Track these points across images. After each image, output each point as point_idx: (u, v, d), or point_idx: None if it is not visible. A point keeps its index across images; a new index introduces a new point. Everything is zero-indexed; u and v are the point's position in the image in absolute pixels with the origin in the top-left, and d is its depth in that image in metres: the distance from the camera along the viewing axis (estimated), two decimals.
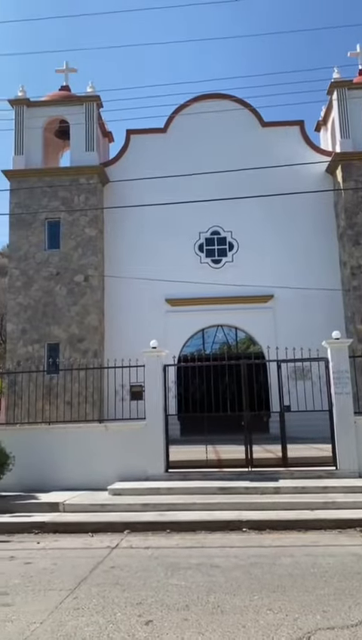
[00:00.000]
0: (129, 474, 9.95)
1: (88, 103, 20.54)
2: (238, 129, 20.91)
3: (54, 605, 4.75)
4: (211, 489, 8.92)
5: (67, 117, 20.80)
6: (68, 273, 19.44)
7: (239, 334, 20.21)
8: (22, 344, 19.09)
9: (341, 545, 6.57)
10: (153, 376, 10.54)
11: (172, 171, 18.15)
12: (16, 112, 20.60)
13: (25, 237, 19.78)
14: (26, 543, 7.23)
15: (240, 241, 20.32)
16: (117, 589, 5.14)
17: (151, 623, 4.27)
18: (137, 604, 4.72)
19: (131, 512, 8.21)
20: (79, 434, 10.72)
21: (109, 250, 20.53)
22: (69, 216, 19.75)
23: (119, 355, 11.62)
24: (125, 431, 10.48)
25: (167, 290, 19.63)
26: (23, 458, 9.86)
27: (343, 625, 4.14)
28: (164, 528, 7.49)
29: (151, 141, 21.20)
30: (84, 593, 5.06)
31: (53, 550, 6.78)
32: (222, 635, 4.02)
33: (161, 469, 9.95)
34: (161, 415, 10.34)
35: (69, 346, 18.90)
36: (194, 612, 4.49)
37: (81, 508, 8.54)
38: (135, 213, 19.61)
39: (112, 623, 4.30)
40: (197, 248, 20.50)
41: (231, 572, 5.57)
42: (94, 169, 20.03)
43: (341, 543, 6.68)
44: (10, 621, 4.40)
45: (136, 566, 5.91)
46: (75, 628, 4.22)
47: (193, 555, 6.30)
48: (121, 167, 20.87)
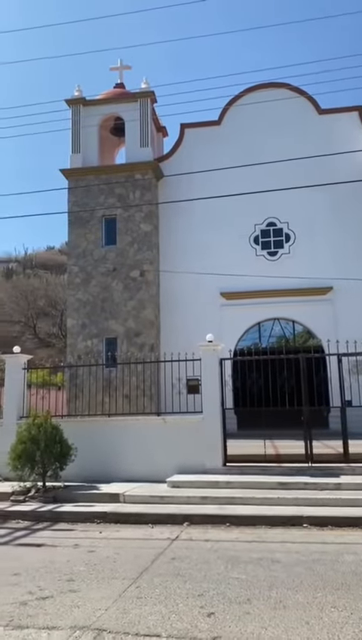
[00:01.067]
0: (187, 467, 10.02)
1: (142, 99, 20.69)
2: (294, 117, 20.45)
3: (118, 593, 4.86)
4: (270, 484, 8.84)
5: (122, 114, 21.05)
6: (124, 269, 19.75)
7: (297, 328, 19.85)
8: (81, 339, 19.60)
9: None
10: (209, 369, 10.55)
11: (226, 163, 17.98)
12: (72, 112, 21.04)
13: (83, 234, 20.24)
14: (88, 532, 7.44)
15: (297, 232, 19.92)
16: (178, 580, 5.20)
17: (213, 615, 4.29)
18: (199, 596, 4.75)
19: (190, 504, 8.27)
20: (138, 426, 10.90)
21: (164, 245, 20.67)
22: (124, 213, 20.02)
23: (175, 349, 11.69)
24: (183, 424, 10.55)
25: (222, 284, 19.54)
26: (84, 449, 10.11)
27: None
28: (224, 522, 7.50)
29: (205, 134, 21.09)
30: (146, 583, 5.14)
31: (115, 540, 6.94)
32: (286, 630, 3.98)
33: (219, 462, 9.96)
34: (218, 409, 10.34)
35: (126, 340, 19.22)
36: (256, 606, 4.47)
37: (141, 499, 8.68)
38: (189, 207, 19.62)
39: (175, 613, 4.35)
40: (252, 241, 20.28)
41: (292, 568, 5.51)
42: (149, 165, 20.19)
43: None
44: (77, 606, 4.55)
45: (197, 558, 5.96)
46: (138, 616, 4.30)
47: (253, 549, 6.27)
48: (175, 161, 20.92)
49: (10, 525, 7.96)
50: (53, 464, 9.60)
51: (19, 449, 9.40)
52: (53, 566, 5.77)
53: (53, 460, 9.55)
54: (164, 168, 20.82)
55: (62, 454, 9.63)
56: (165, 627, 4.07)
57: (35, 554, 6.40)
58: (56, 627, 4.11)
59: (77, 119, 20.97)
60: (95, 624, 4.15)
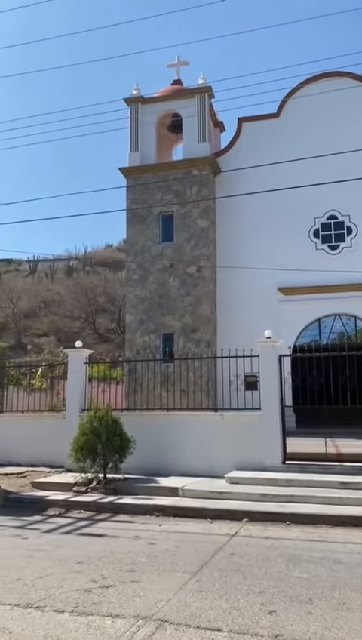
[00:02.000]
0: (245, 463, 9.97)
1: (200, 94, 20.66)
2: (357, 107, 19.78)
3: (178, 586, 4.91)
4: (332, 483, 8.65)
5: (179, 110, 21.11)
6: (181, 265, 19.84)
7: (359, 324, 19.24)
8: (139, 334, 19.89)
9: None
10: (268, 366, 10.44)
11: (285, 156, 17.62)
12: (131, 111, 21.31)
13: (141, 231, 20.50)
14: (148, 524, 7.55)
15: (359, 225, 19.29)
16: (238, 576, 5.18)
17: (274, 613, 4.25)
18: (259, 593, 4.72)
19: (249, 501, 8.23)
20: (196, 421, 10.94)
21: (221, 241, 20.59)
22: (181, 209, 20.10)
23: (232, 345, 11.62)
24: (241, 420, 10.50)
25: (280, 279, 19.24)
26: (143, 442, 10.26)
27: None
28: (283, 519, 7.41)
29: (264, 127, 20.79)
30: (206, 577, 5.17)
31: (174, 533, 7.00)
32: (349, 632, 3.89)
33: (278, 460, 9.85)
34: (277, 406, 10.22)
35: (183, 335, 19.32)
36: (318, 606, 4.39)
37: (200, 494, 8.72)
38: (247, 201, 19.39)
39: (236, 609, 4.34)
40: (312, 234, 19.84)
41: (355, 568, 5.37)
42: (206, 160, 20.16)
43: None
44: (139, 597, 4.63)
45: (256, 555, 5.92)
46: (199, 609, 4.33)
47: (314, 548, 6.16)
48: (233, 156, 20.74)
49: (73, 515, 8.21)
50: (114, 456, 9.81)
51: (82, 441, 9.67)
52: (115, 556, 5.90)
53: (113, 452, 9.76)
54: (222, 163, 20.71)
55: (122, 447, 9.82)
56: (226, 622, 4.07)
57: (97, 544, 6.57)
58: (119, 615, 4.21)
59: (135, 117, 21.23)
60: (157, 615, 4.21)
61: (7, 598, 4.63)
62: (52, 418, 12.41)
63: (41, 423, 12.29)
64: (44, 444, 11.76)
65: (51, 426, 11.92)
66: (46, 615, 4.24)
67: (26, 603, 4.50)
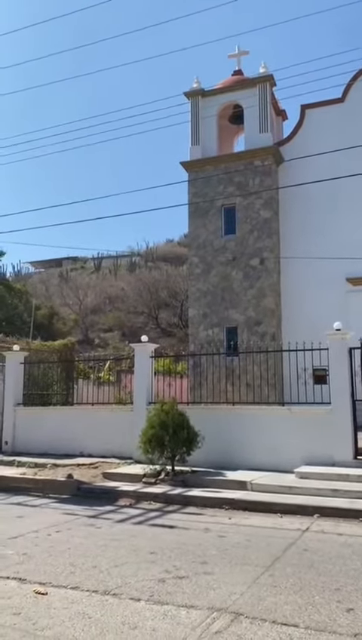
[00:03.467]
0: (314, 458, 9.78)
1: (261, 84, 20.30)
2: None
3: (251, 580, 4.89)
4: None
5: (240, 101, 20.84)
6: (243, 257, 19.65)
7: None
8: (202, 328, 19.92)
9: None
10: (338, 359, 10.17)
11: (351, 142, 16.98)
12: (191, 104, 21.28)
13: (203, 225, 20.47)
14: (217, 517, 7.57)
15: None
16: (312, 572, 5.10)
17: (352, 611, 4.14)
18: (335, 590, 4.62)
19: (320, 496, 8.07)
20: (262, 415, 10.86)
21: (284, 232, 20.19)
22: (243, 201, 19.88)
23: (297, 338, 11.39)
24: (310, 415, 10.31)
25: (348, 269, 18.60)
26: (209, 436, 10.28)
27: None
28: (357, 516, 7.21)
29: (328, 113, 20.13)
30: (279, 572, 5.11)
31: (244, 527, 6.98)
32: None
33: (348, 455, 9.59)
34: (348, 400, 9.94)
35: (247, 329, 19.16)
36: None
37: (268, 488, 8.64)
38: (311, 190, 18.87)
39: (311, 605, 4.27)
40: None
41: None
42: (268, 150, 19.81)
43: None
44: (213, 589, 4.65)
45: (329, 551, 5.79)
46: (274, 604, 4.29)
47: None
48: (296, 144, 20.25)
49: (143, 506, 8.37)
50: (181, 449, 9.90)
51: (150, 433, 9.83)
52: (186, 548, 5.96)
53: (180, 444, 9.85)
54: (284, 152, 20.29)
55: (189, 440, 9.90)
56: (302, 618, 4.01)
57: (168, 535, 6.66)
58: (194, 606, 4.24)
59: (196, 111, 21.17)
60: (231, 607, 4.21)
61: (85, 584, 4.78)
62: (120, 410, 12.70)
63: (110, 416, 12.61)
64: (114, 436, 12.07)
65: (120, 418, 12.21)
66: (123, 602, 4.34)
67: (103, 590, 4.63)
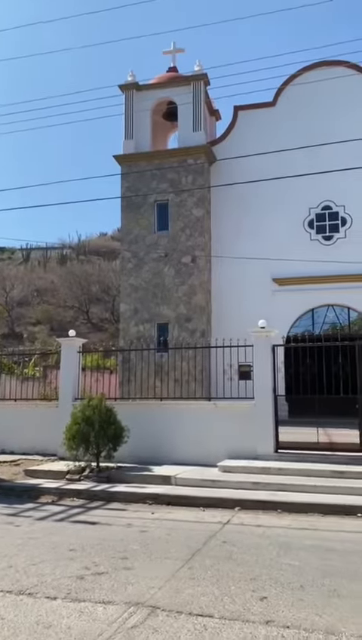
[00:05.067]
0: (238, 452, 10.01)
1: (196, 82, 20.48)
2: (353, 97, 19.69)
3: (171, 573, 4.93)
4: (323, 472, 8.70)
5: (175, 98, 20.92)
6: (176, 254, 19.77)
7: (352, 314, 19.31)
8: (133, 323, 19.86)
9: None
10: (262, 356, 10.45)
11: (281, 145, 17.61)
12: (125, 97, 21.11)
13: (135, 220, 20.39)
14: (141, 512, 7.57)
15: (354, 216, 19.28)
16: (230, 564, 5.21)
17: (266, 599, 4.28)
18: (251, 580, 4.75)
19: (241, 489, 8.27)
20: (189, 411, 10.97)
21: (216, 230, 20.52)
22: (176, 198, 19.99)
23: (226, 335, 11.62)
24: (234, 410, 10.53)
25: (275, 269, 19.24)
26: (137, 431, 10.28)
27: None
28: (275, 508, 7.45)
29: (260, 116, 20.68)
30: (198, 564, 5.19)
31: (167, 521, 7.03)
32: (340, 619, 3.92)
33: (270, 448, 9.89)
34: (270, 395, 10.24)
35: (177, 325, 19.31)
36: (309, 593, 4.43)
37: (192, 482, 8.75)
38: (242, 191, 19.33)
39: (227, 596, 4.37)
40: (306, 225, 19.81)
41: (347, 556, 5.42)
42: (201, 148, 20.02)
43: None
44: (131, 583, 4.65)
45: (248, 543, 5.95)
46: (191, 596, 4.35)
47: (306, 536, 6.20)
48: (229, 144, 20.63)
49: (66, 503, 8.22)
50: (107, 445, 9.81)
51: (74, 429, 9.66)
52: (108, 543, 5.91)
53: (106, 440, 9.76)
54: (217, 152, 20.60)
55: (115, 436, 9.83)
56: (218, 608, 4.10)
57: (90, 531, 6.58)
58: (111, 602, 4.22)
59: (130, 105, 21.03)
60: (149, 601, 4.23)
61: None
62: (45, 407, 12.39)
63: (34, 412, 12.27)
64: (37, 433, 11.77)
65: (44, 414, 11.91)
66: (38, 602, 4.24)
67: (18, 590, 4.50)
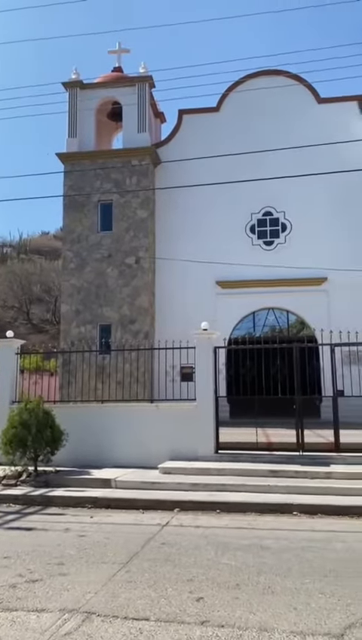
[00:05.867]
0: (179, 453, 10.05)
1: (140, 83, 20.46)
2: (293, 106, 20.29)
3: (107, 577, 4.88)
4: (261, 471, 8.89)
5: (119, 98, 20.81)
6: (119, 255, 19.64)
7: (291, 317, 19.87)
8: (75, 325, 19.54)
9: None
10: (204, 357, 10.55)
11: (224, 150, 17.91)
12: (69, 95, 20.79)
13: (78, 219, 20.09)
14: (79, 516, 7.45)
15: (293, 222, 19.85)
16: (168, 565, 5.22)
17: (202, 600, 4.32)
18: (188, 581, 4.78)
19: (181, 490, 8.31)
20: (131, 413, 10.91)
21: (160, 232, 20.55)
22: (120, 199, 19.88)
23: (170, 337, 11.67)
24: (176, 411, 10.57)
25: (218, 273, 19.49)
26: (77, 435, 10.12)
27: None
28: (214, 508, 7.54)
29: (204, 120, 20.91)
30: (136, 567, 5.16)
31: (105, 525, 6.96)
32: (273, 615, 4.01)
33: (211, 449, 10.00)
34: (212, 396, 10.36)
35: (121, 327, 19.18)
36: (244, 591, 4.50)
37: (133, 485, 8.71)
38: (186, 194, 19.50)
39: (164, 598, 4.37)
40: (248, 229, 20.21)
41: (281, 554, 5.55)
42: (146, 150, 20.01)
43: None
44: (67, 590, 4.56)
45: (187, 544, 5.98)
46: (127, 600, 4.32)
47: (243, 535, 6.31)
48: (173, 147, 20.73)
49: (1, 509, 7.96)
50: (45, 449, 9.60)
51: (11, 433, 9.39)
52: (44, 550, 5.78)
53: (44, 444, 9.54)
54: (162, 154, 20.66)
55: (53, 439, 9.63)
56: (154, 611, 4.09)
57: (26, 538, 6.41)
58: (45, 610, 4.12)
59: (74, 102, 20.73)
60: (84, 607, 4.16)
61: None
62: None
63: None
64: None
65: None
66: None
67: None
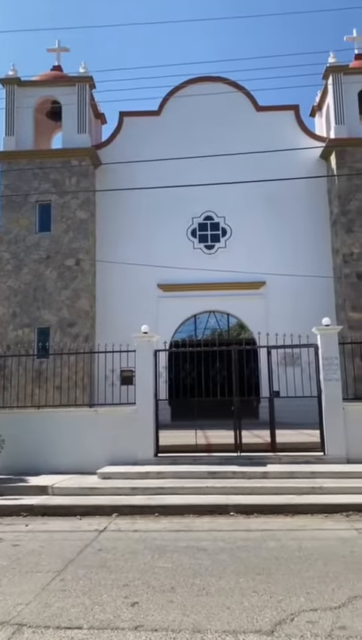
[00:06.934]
0: (119, 458, 9.98)
1: (81, 83, 20.20)
2: (233, 113, 20.69)
3: (41, 587, 4.76)
4: (200, 473, 8.97)
5: (59, 97, 20.46)
6: (58, 257, 19.28)
7: (231, 320, 20.21)
8: (12, 328, 18.99)
9: (327, 529, 6.64)
10: (144, 361, 10.53)
11: (165, 154, 18.03)
12: (7, 92, 20.22)
13: (15, 220, 19.56)
14: (14, 525, 7.24)
15: (233, 227, 20.21)
16: (104, 572, 5.17)
17: (137, 605, 4.30)
18: (123, 586, 4.75)
19: (120, 495, 8.25)
20: (69, 418, 10.71)
21: (101, 234, 20.36)
22: (60, 199, 19.53)
23: (111, 340, 11.58)
24: (115, 415, 10.48)
25: (160, 276, 19.55)
26: (13, 441, 9.85)
27: (326, 607, 4.19)
28: (153, 512, 7.54)
29: (145, 124, 20.92)
30: (70, 575, 5.08)
31: (41, 533, 6.80)
32: (207, 616, 4.05)
33: (150, 453, 9.99)
34: (152, 400, 10.35)
35: (60, 330, 18.83)
36: (179, 594, 4.53)
37: (70, 491, 8.56)
38: (127, 196, 19.45)
39: (98, 605, 4.32)
40: (190, 233, 20.39)
41: (217, 555, 5.62)
42: (86, 151, 19.77)
43: (327, 527, 6.76)
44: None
45: (124, 549, 5.95)
46: (60, 609, 4.24)
47: (181, 538, 6.34)
48: (114, 149, 20.61)
49: None
50: None
51: None
52: None
53: None
54: (102, 156, 20.49)
55: None
56: (87, 619, 4.04)
57: None
58: None
59: (11, 100, 20.18)
60: (15, 619, 4.05)
61: None
62: None
63: None
64: None
65: None
66: None
67: None
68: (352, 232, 18.66)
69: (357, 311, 18.22)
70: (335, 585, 4.68)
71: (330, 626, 3.85)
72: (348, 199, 18.84)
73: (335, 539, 6.16)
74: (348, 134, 19.42)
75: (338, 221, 18.88)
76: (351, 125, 19.60)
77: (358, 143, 19.16)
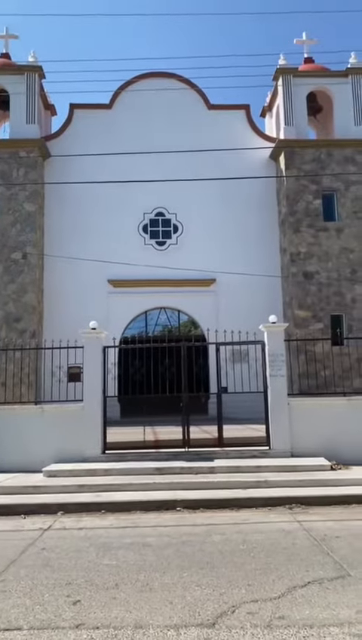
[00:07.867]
0: (66, 456, 9.84)
1: (30, 73, 19.67)
2: (184, 109, 20.72)
3: None
4: (148, 469, 8.98)
5: (6, 86, 19.85)
6: (5, 250, 18.75)
7: (182, 317, 20.29)
8: None
9: (270, 522, 6.79)
10: (92, 357, 10.41)
11: (117, 149, 17.87)
12: None
13: None
14: None
15: (184, 224, 20.27)
16: (46, 571, 5.09)
17: (79, 603, 4.26)
18: (66, 585, 4.69)
19: (66, 493, 8.14)
20: (14, 416, 10.47)
21: (50, 228, 19.95)
22: (6, 191, 18.98)
23: (59, 336, 11.38)
24: (62, 413, 10.32)
25: (110, 271, 19.36)
26: None
27: (266, 597, 4.29)
28: (99, 509, 7.48)
29: (96, 117, 20.64)
30: (12, 576, 4.97)
31: None
32: (150, 611, 4.07)
33: (98, 450, 9.91)
34: (100, 397, 10.26)
35: (6, 325, 18.33)
36: (123, 591, 4.52)
37: (14, 490, 8.36)
38: (78, 190, 19.14)
39: (39, 604, 4.25)
40: (141, 229, 20.30)
41: (162, 550, 5.64)
42: (35, 142, 19.29)
43: (270, 519, 6.91)
44: None
45: (68, 547, 5.88)
46: (0, 611, 4.14)
47: (126, 534, 6.33)
48: (64, 141, 20.22)
49: None
50: None
51: None
52: None
53: None
54: (52, 147, 20.06)
55: None
56: (27, 619, 3.96)
57: None
58: None
59: None
60: None
61: None
62: None
63: None
64: None
65: None
66: None
67: None
68: (299, 232, 19.10)
69: (303, 309, 18.69)
70: (275, 576, 4.79)
71: (269, 616, 3.94)
72: (295, 200, 19.27)
73: (278, 531, 6.31)
74: (297, 136, 19.85)
75: (287, 221, 19.29)
76: (300, 127, 20.04)
77: (306, 145, 19.63)
